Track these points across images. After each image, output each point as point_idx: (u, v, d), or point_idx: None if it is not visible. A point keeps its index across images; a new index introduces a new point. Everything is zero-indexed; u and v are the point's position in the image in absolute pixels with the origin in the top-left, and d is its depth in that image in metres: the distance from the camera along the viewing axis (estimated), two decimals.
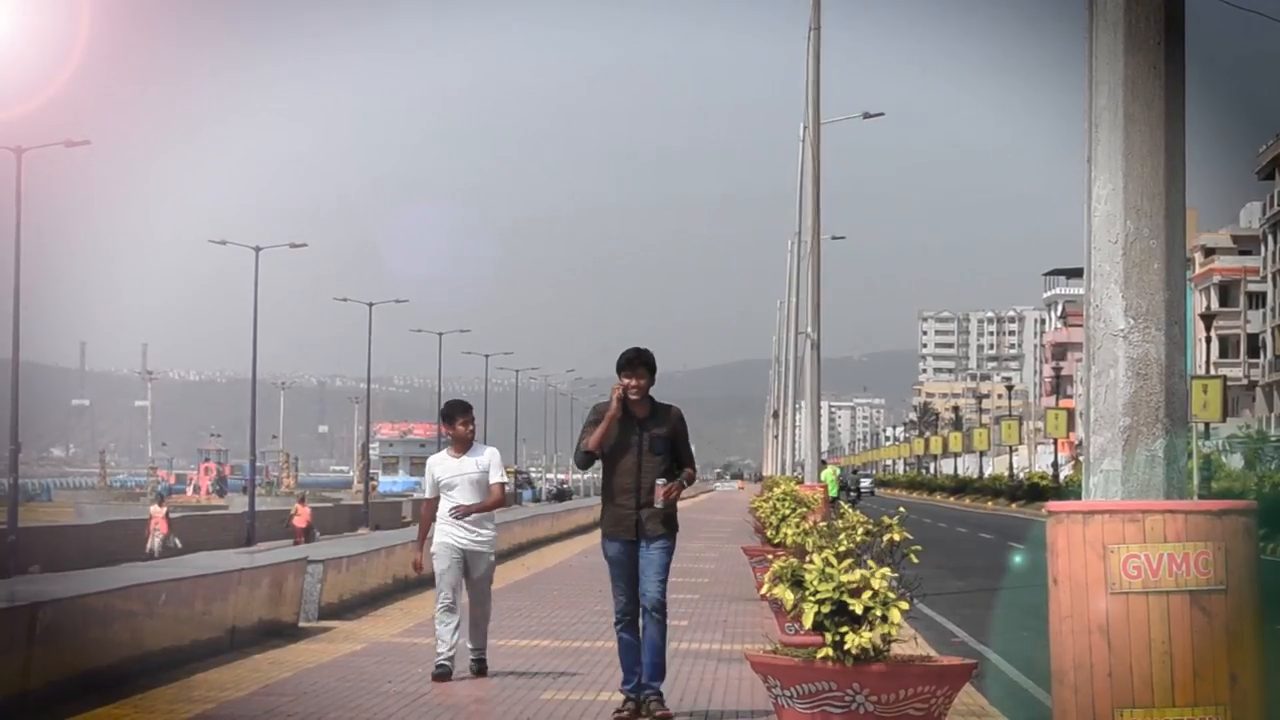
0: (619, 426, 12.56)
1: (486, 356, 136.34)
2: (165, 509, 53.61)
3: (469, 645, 15.81)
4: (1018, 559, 13.17)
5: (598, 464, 13.70)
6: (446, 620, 15.52)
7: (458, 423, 15.67)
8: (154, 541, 48.78)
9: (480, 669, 15.82)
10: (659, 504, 12.55)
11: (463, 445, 15.64)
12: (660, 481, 12.53)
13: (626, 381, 12.44)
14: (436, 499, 15.73)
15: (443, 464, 15.65)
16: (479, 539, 15.56)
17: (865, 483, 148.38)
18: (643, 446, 12.64)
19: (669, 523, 12.88)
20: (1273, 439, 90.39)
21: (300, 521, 57.16)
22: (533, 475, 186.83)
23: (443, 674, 15.44)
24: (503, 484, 16.04)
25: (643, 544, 12.79)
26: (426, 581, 28.49)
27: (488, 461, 15.68)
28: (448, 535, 15.46)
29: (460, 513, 15.41)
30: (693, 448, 13.27)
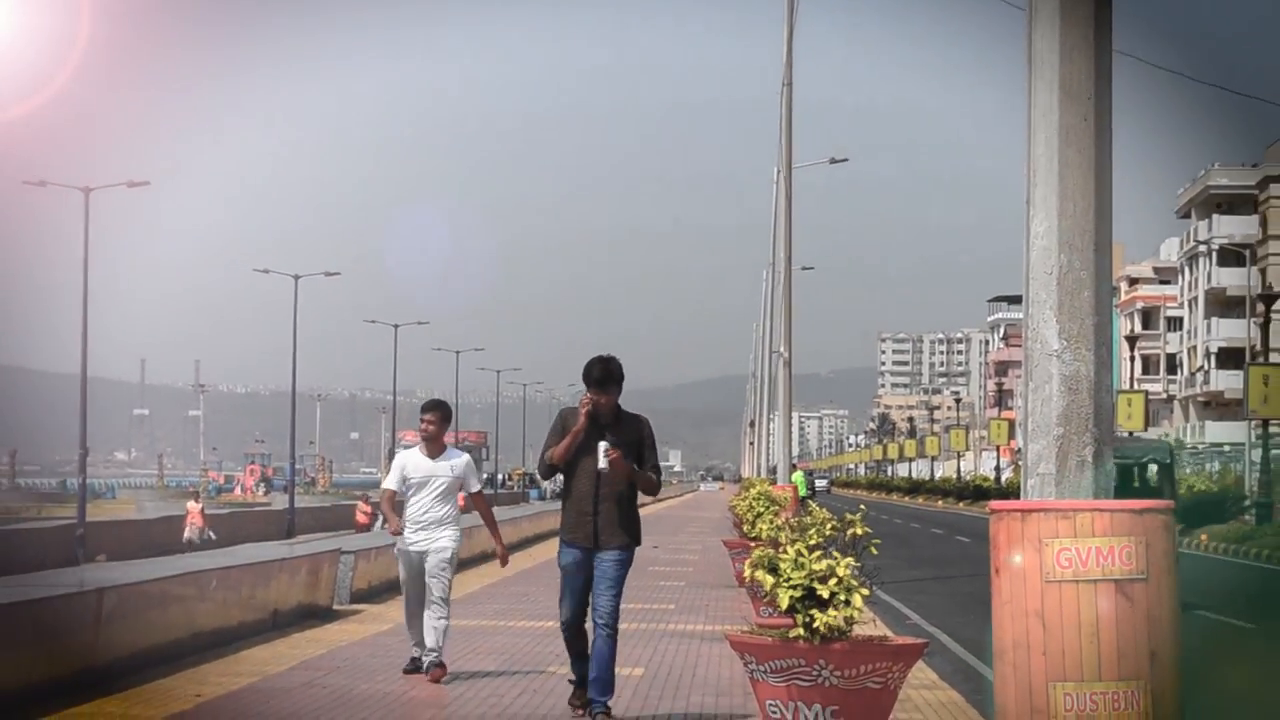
0: (584, 437, 11.19)
1: (498, 372, 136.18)
2: (200, 505, 53.56)
3: (429, 644, 13.83)
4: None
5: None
6: (410, 618, 14.23)
7: (421, 420, 14.26)
8: (191, 533, 48.66)
9: (438, 669, 13.82)
10: (601, 464, 10.96)
11: (436, 447, 14.00)
12: (603, 445, 10.98)
13: (594, 396, 11.09)
14: (395, 493, 14.31)
15: (415, 462, 14.02)
16: (439, 539, 13.77)
17: (821, 483, 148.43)
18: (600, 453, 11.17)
19: (629, 530, 11.49)
20: (1189, 447, 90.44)
21: (363, 519, 56.78)
22: (537, 477, 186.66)
23: (414, 666, 14.16)
24: (480, 492, 14.68)
25: (598, 555, 11.31)
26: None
27: (462, 468, 14.11)
28: (410, 538, 13.85)
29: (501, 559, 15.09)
30: (680, 453, 12.97)
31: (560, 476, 11.72)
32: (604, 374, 11.15)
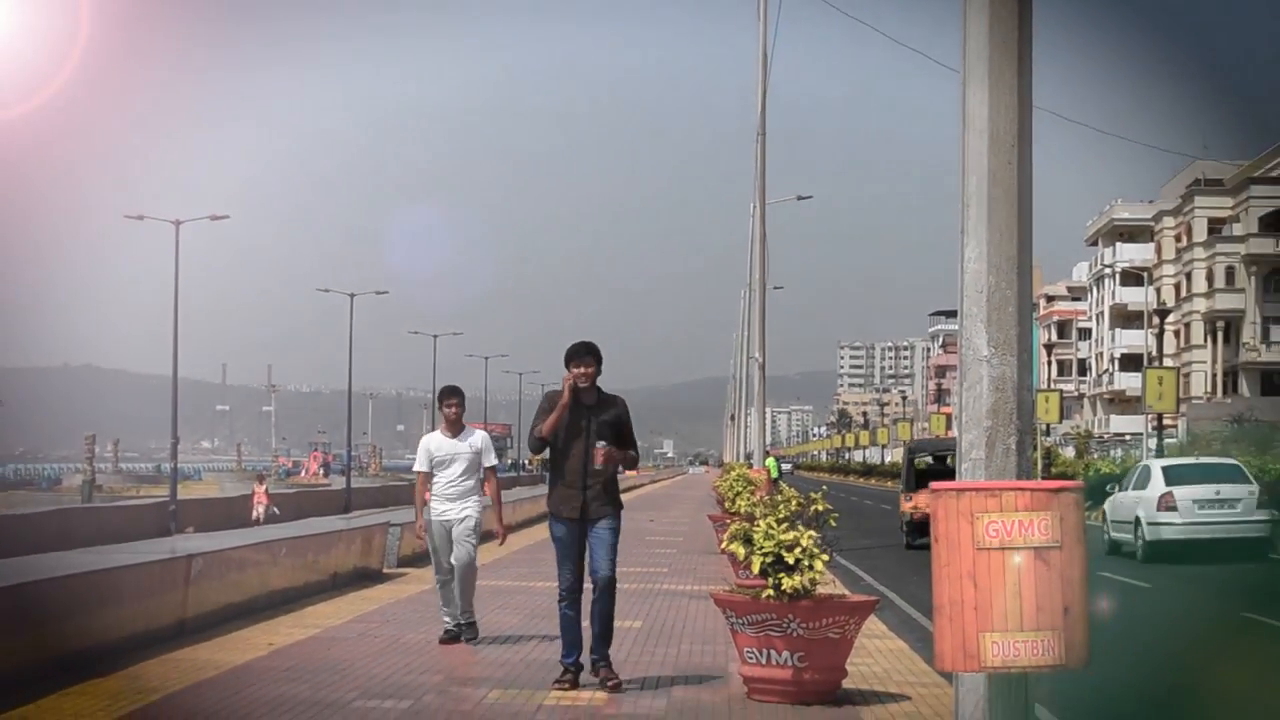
0: (569, 414, 10.48)
1: (520, 375, 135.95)
2: (265, 486, 53.34)
3: (463, 610, 13.34)
4: None
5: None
6: (442, 589, 13.43)
7: (444, 405, 13.51)
8: (258, 511, 48.47)
9: (472, 637, 13.37)
10: (597, 464, 10.47)
11: (454, 427, 13.37)
12: (599, 444, 10.47)
13: (576, 371, 10.43)
14: (428, 474, 13.43)
15: (438, 442, 13.38)
16: (462, 512, 13.14)
17: (786, 467, 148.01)
18: (590, 432, 10.54)
19: (613, 501, 10.74)
20: (1095, 436, 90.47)
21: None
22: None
23: (450, 638, 13.32)
24: (494, 466, 13.78)
25: (590, 525, 10.59)
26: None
27: (480, 444, 13.42)
28: (437, 511, 13.20)
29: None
30: (673, 442, 12.72)
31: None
32: (582, 347, 10.58)
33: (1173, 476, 28.85)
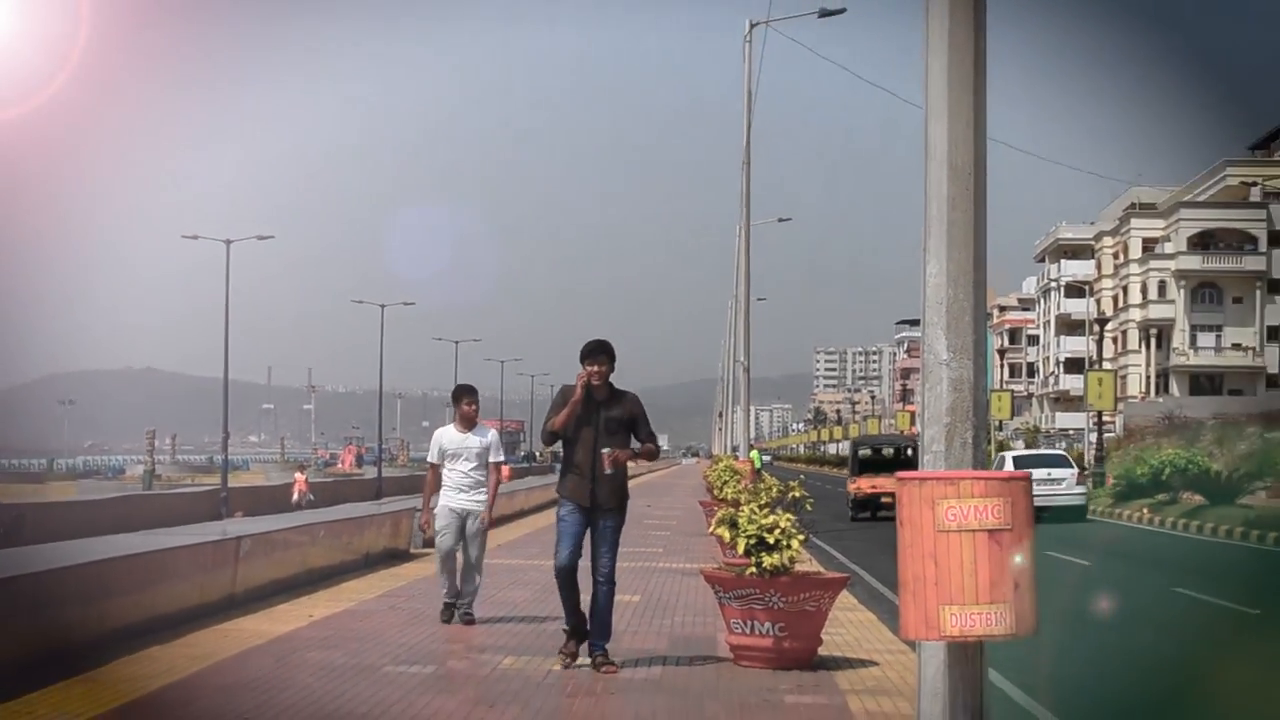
0: (581, 408, 9.90)
1: (532, 376, 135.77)
2: (305, 475, 53.28)
3: (464, 594, 12.72)
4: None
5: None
6: (443, 571, 12.71)
7: (462, 403, 12.89)
8: (297, 496, 48.34)
9: (469, 618, 12.67)
10: (607, 470, 9.90)
11: (467, 423, 12.82)
12: (605, 450, 9.87)
13: (590, 369, 9.87)
14: (439, 466, 12.75)
15: (449, 436, 12.78)
16: (474, 503, 12.53)
17: (765, 458, 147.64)
18: (599, 426, 9.96)
19: (619, 496, 10.14)
20: (1042, 432, 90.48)
21: (506, 475, 55.44)
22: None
23: (448, 614, 12.75)
24: (500, 463, 13.14)
25: (597, 519, 10.03)
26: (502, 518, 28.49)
27: (490, 440, 12.89)
28: (448, 500, 12.48)
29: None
30: (668, 436, 12.50)
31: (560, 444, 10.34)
32: (596, 346, 9.93)
33: (1020, 463, 37.07)
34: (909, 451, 44.08)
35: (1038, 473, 33.02)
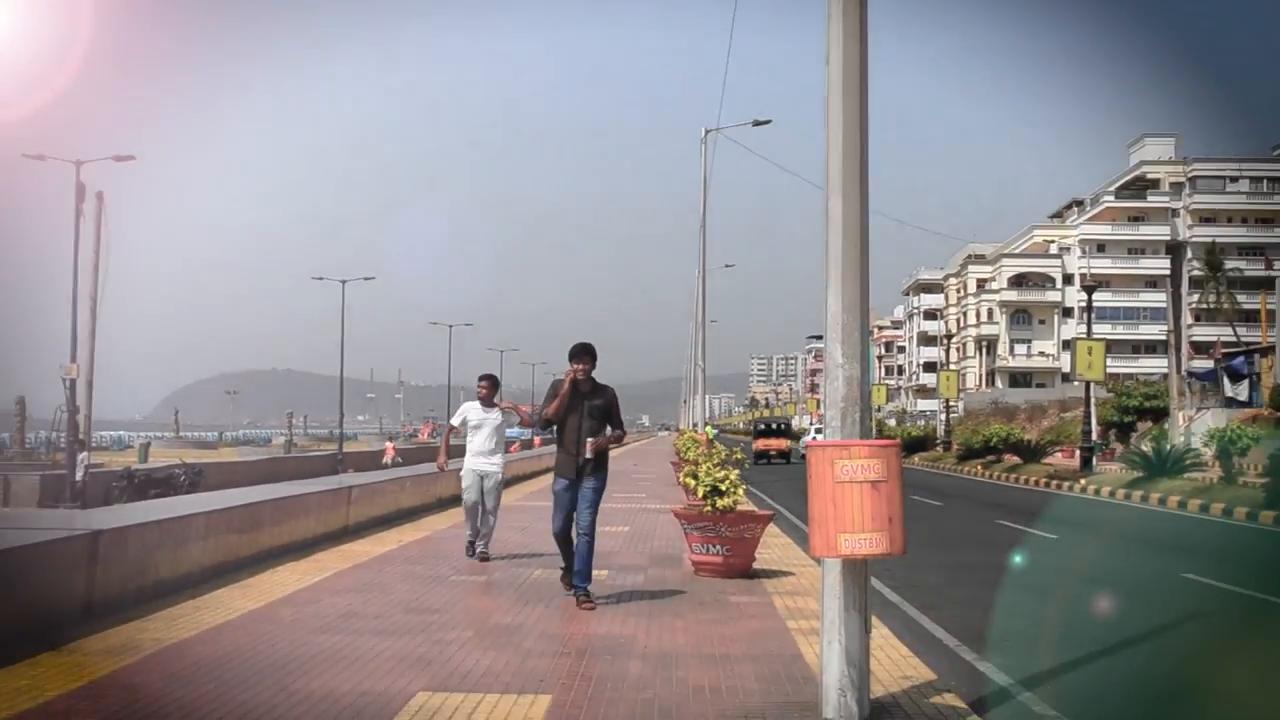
0: (569, 399, 8.88)
1: (533, 365, 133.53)
2: (393, 444, 53.03)
3: (482, 537, 11.60)
4: (1018, 559, 12.30)
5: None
6: (469, 518, 11.58)
7: (480, 386, 11.69)
8: (388, 459, 48.02)
9: (485, 556, 11.56)
10: (589, 455, 8.89)
11: (486, 401, 11.56)
12: (589, 440, 8.87)
13: (577, 367, 8.85)
14: (455, 428, 11.78)
15: (474, 410, 11.54)
16: (491, 465, 11.42)
17: (716, 431, 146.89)
18: (584, 413, 8.95)
19: (601, 466, 9.02)
20: (908, 413, 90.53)
21: (514, 449, 55.05)
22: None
23: (470, 550, 11.66)
24: (511, 438, 12.10)
25: (580, 485, 8.90)
26: (523, 477, 28.38)
27: (500, 416, 11.64)
28: (472, 464, 11.43)
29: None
30: (649, 416, 12.22)
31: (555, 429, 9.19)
32: (582, 349, 8.87)
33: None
34: (783, 426, 54.50)
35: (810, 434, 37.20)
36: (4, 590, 7.00)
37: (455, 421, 11.76)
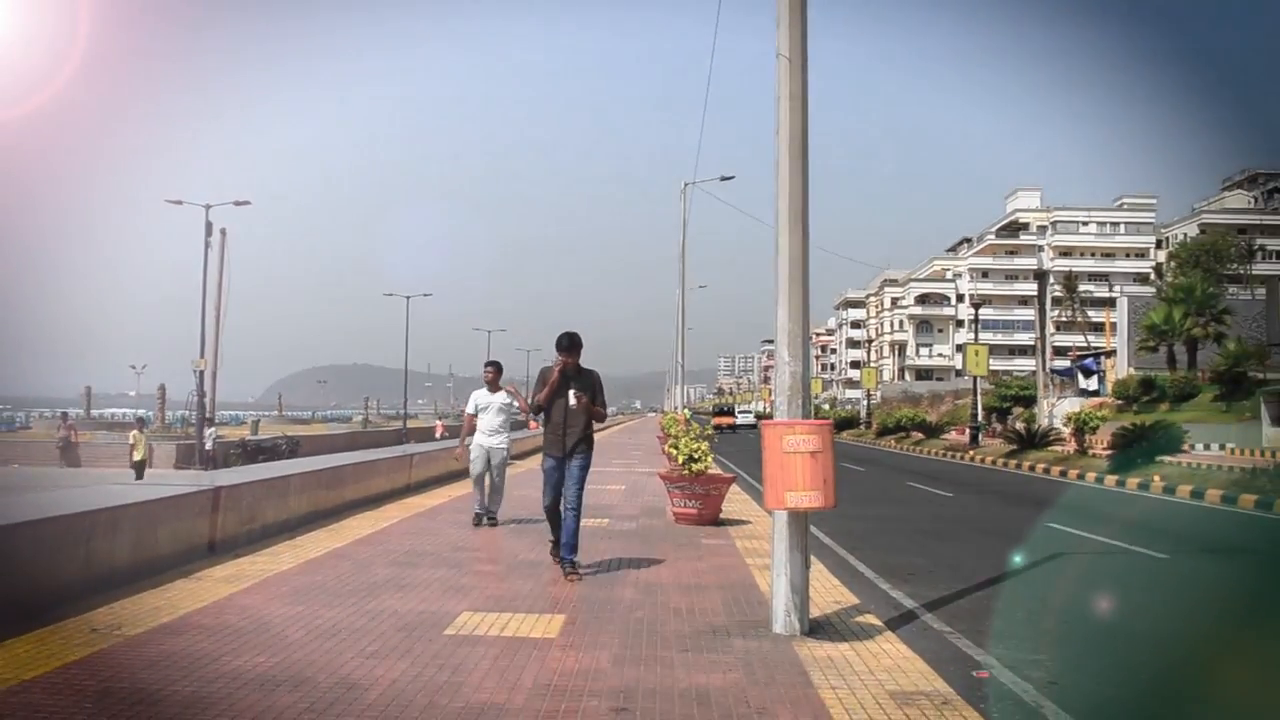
0: (558, 386, 7.39)
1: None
2: (443, 422, 52.46)
3: (490, 507, 10.22)
4: (1017, 559, 11.04)
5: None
6: (476, 489, 10.16)
7: (486, 371, 10.16)
8: (438, 434, 47.57)
9: (493, 522, 10.18)
10: (571, 405, 7.32)
11: (491, 385, 10.08)
12: (573, 391, 7.36)
13: (565, 359, 7.35)
14: (474, 415, 10.09)
15: (482, 395, 10.08)
16: (498, 443, 10.00)
17: (688, 413, 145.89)
18: (570, 396, 7.43)
19: (587, 443, 7.47)
20: (838, 400, 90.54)
21: (535, 426, 53.92)
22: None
23: (478, 520, 10.18)
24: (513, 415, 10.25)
25: (569, 461, 7.37)
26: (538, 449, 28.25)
27: (506, 400, 10.01)
28: (480, 440, 10.00)
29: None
30: (641, 400, 11.99)
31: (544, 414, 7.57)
32: (570, 341, 7.40)
33: (731, 413, 42.45)
34: (730, 409, 64.70)
35: (742, 416, 51.91)
36: (149, 531, 6.97)
37: (470, 409, 10.21)
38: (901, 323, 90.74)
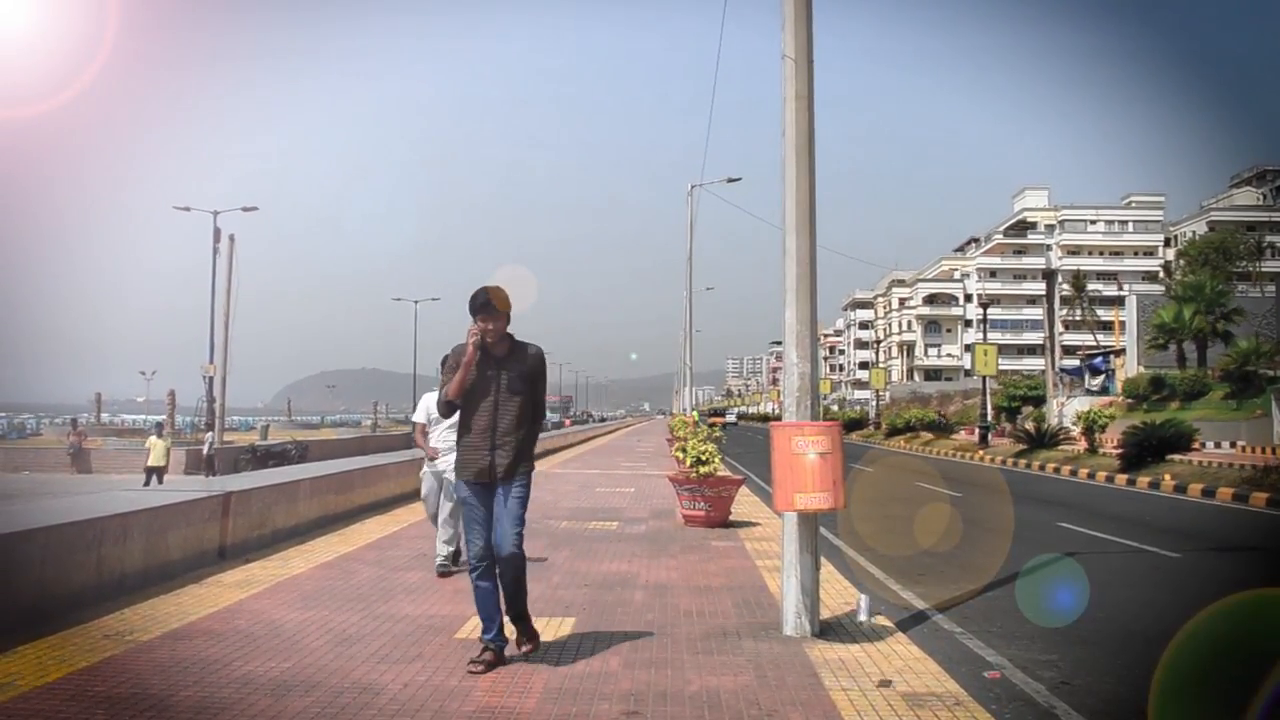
0: (476, 369, 4.68)
1: (559, 365, 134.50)
2: None
3: (449, 540, 7.33)
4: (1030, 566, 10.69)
5: None
6: (440, 533, 7.34)
7: (441, 375, 6.29)
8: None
9: (455, 565, 7.33)
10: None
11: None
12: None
13: (482, 325, 4.61)
14: (423, 425, 7.36)
15: (435, 399, 6.19)
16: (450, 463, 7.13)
17: (696, 414, 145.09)
18: (500, 386, 4.68)
19: (523, 460, 4.73)
20: (847, 400, 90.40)
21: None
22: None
23: (444, 569, 7.25)
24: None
25: (499, 488, 4.67)
26: (550, 451, 28.20)
27: None
28: (431, 466, 7.46)
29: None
30: (650, 403, 11.55)
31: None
32: (485, 300, 4.59)
33: (714, 414, 40.68)
34: (721, 412, 65.34)
35: (729, 416, 48.09)
36: (160, 536, 6.99)
37: (420, 417, 7.42)
38: (910, 323, 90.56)
